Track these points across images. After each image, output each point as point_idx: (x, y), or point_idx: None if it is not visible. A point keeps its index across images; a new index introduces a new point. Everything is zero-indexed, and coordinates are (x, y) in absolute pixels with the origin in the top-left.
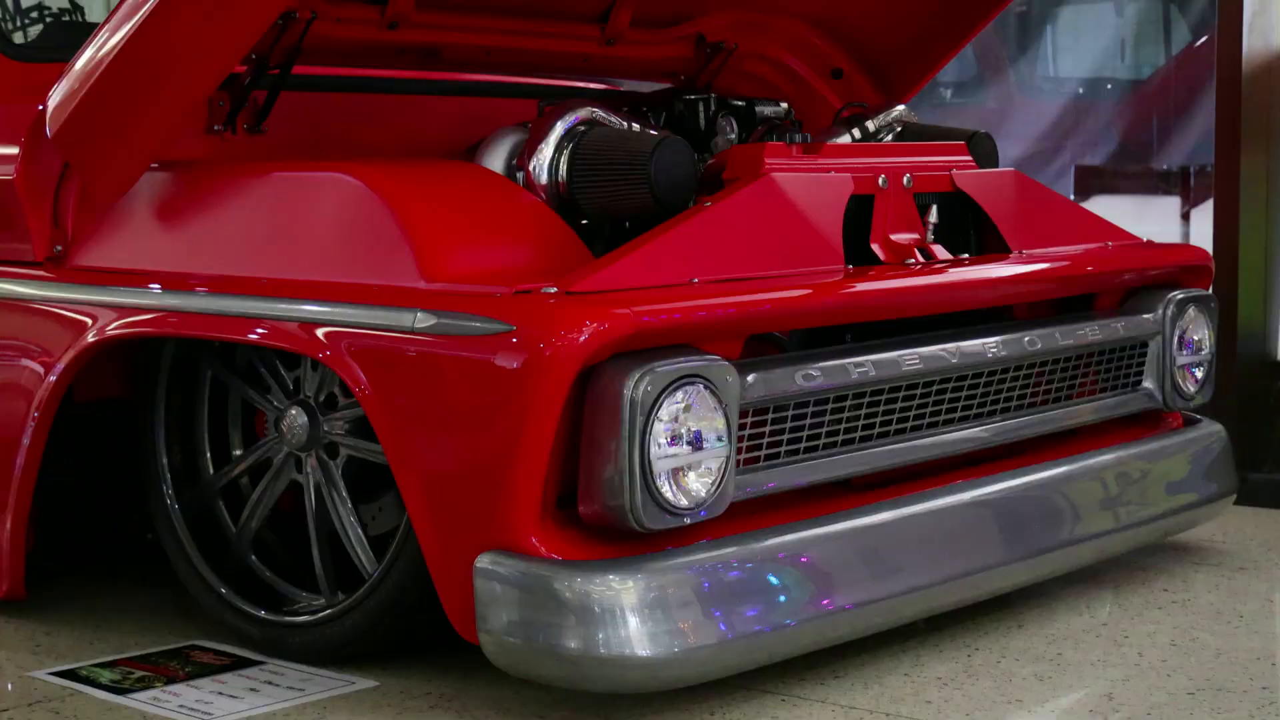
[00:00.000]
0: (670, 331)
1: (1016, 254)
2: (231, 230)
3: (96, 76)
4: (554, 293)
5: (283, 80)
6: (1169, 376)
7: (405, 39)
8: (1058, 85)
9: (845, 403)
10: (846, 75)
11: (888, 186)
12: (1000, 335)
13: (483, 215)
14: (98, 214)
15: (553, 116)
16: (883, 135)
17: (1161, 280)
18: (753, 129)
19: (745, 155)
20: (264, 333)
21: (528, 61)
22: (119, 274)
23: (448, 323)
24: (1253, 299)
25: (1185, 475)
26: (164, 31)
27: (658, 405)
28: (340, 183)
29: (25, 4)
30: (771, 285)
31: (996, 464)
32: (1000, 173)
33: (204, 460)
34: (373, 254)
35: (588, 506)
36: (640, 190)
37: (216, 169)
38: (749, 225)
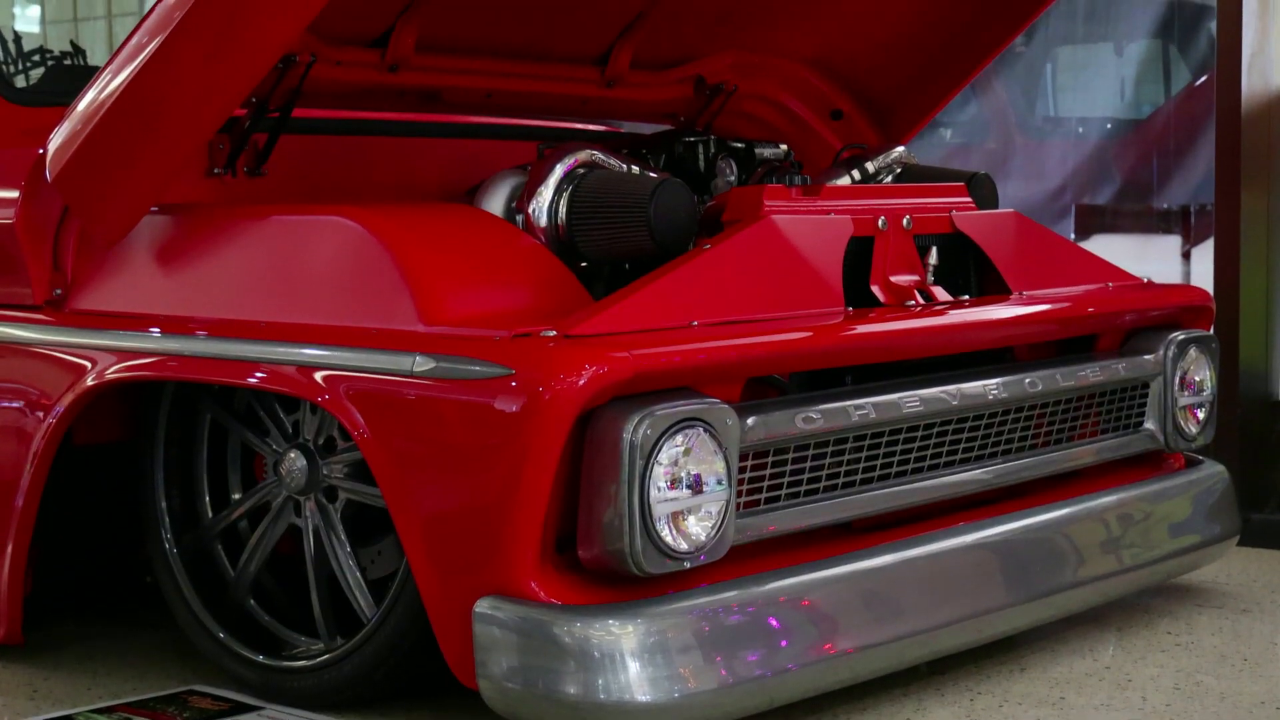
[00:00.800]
0: (670, 375)
1: (1017, 295)
2: (231, 273)
3: (97, 120)
4: (553, 336)
5: (283, 123)
6: (1171, 417)
7: (405, 82)
8: (1058, 125)
9: (846, 445)
10: (846, 116)
11: (887, 228)
12: (1001, 377)
13: (482, 258)
14: (97, 257)
15: (552, 159)
16: (882, 176)
17: (1162, 321)
18: (752, 171)
19: (745, 197)
20: (263, 376)
21: (528, 104)
22: (118, 317)
23: (447, 366)
24: (1254, 339)
25: (1188, 516)
26: (164, 75)
27: (657, 449)
28: (339, 226)
29: (27, 47)
30: (771, 328)
31: (998, 506)
32: (1000, 214)
33: (203, 504)
34: (372, 297)
35: (587, 550)
36: (639, 233)
37: (216, 212)
38: (749, 267)
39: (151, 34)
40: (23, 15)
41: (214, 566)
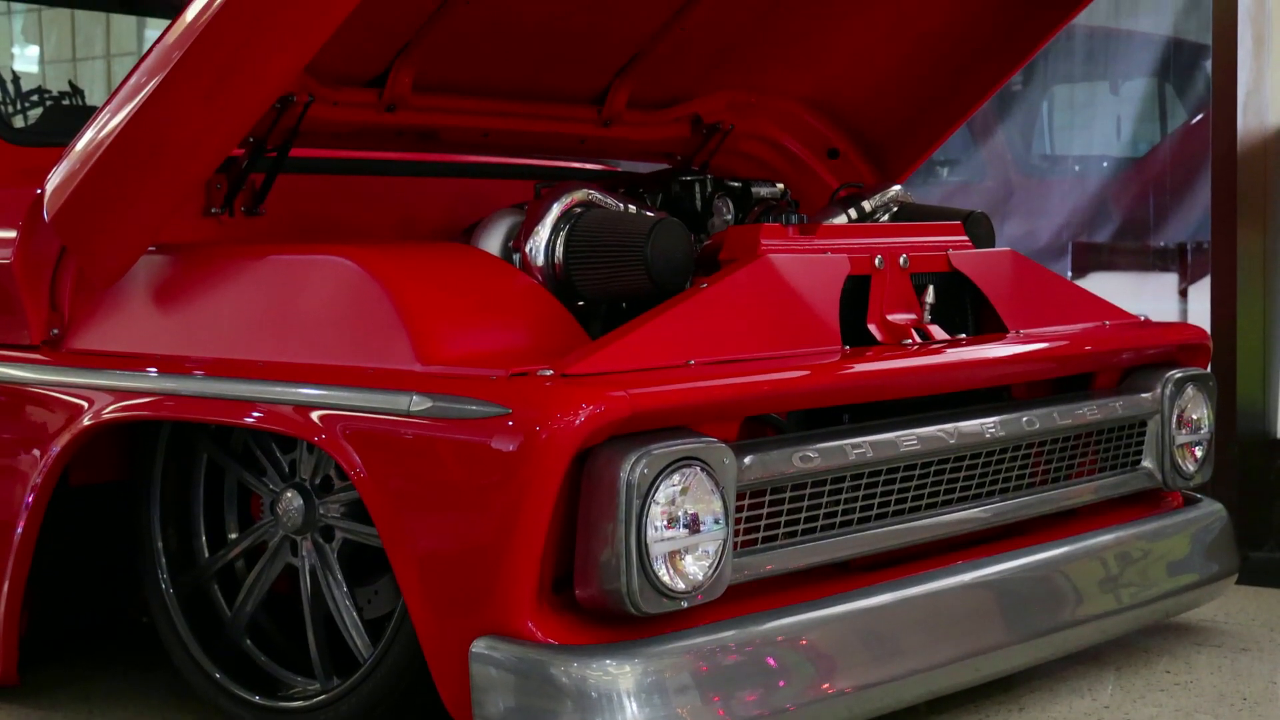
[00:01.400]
0: (667, 414)
1: (1014, 334)
2: (228, 313)
3: (95, 160)
4: (550, 375)
5: (280, 163)
6: (1168, 456)
7: (403, 121)
8: (1054, 164)
9: (843, 484)
10: (843, 155)
11: (884, 267)
12: (998, 415)
13: (479, 297)
14: (95, 297)
15: (549, 198)
16: (879, 215)
17: (1160, 359)
18: (749, 210)
19: (742, 236)
20: (260, 416)
21: (525, 143)
22: (116, 357)
23: (443, 406)
24: (1251, 377)
25: (1186, 555)
26: (162, 116)
27: (654, 488)
28: (336, 265)
29: (26, 87)
30: (768, 367)
31: (996, 545)
32: (997, 253)
33: (199, 543)
34: (369, 337)
35: (584, 590)
36: (636, 272)
37: (213, 252)
38: (746, 306)
39: (150, 74)
40: (22, 55)
41: (210, 606)
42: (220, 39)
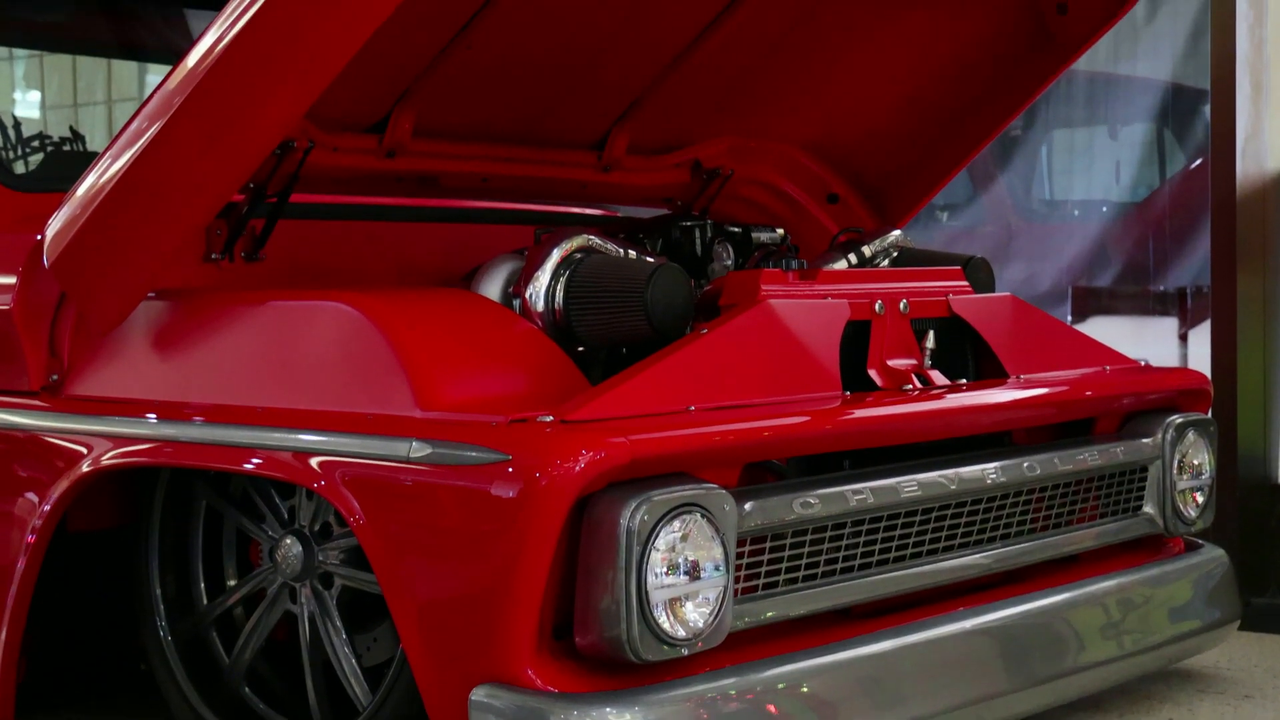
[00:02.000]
0: (667, 460)
1: (1014, 379)
2: (228, 359)
3: (95, 206)
4: (550, 421)
5: (280, 208)
6: (1170, 501)
7: (402, 167)
8: (1054, 208)
9: (844, 530)
10: (842, 200)
11: (884, 312)
12: (999, 461)
13: (479, 343)
14: (94, 343)
15: (549, 244)
16: (879, 260)
17: (1160, 404)
18: (749, 255)
19: (741, 282)
20: (259, 463)
21: (525, 188)
22: (115, 403)
23: (443, 452)
24: (1252, 422)
25: (1188, 601)
26: (163, 161)
27: (654, 535)
28: (336, 311)
29: (27, 133)
30: (768, 412)
31: (998, 591)
32: (997, 298)
33: (198, 590)
34: (369, 383)
35: (584, 637)
36: (636, 317)
37: (213, 298)
38: (745, 352)
39: (151, 119)
40: (24, 100)
41: (208, 654)
42: (221, 85)
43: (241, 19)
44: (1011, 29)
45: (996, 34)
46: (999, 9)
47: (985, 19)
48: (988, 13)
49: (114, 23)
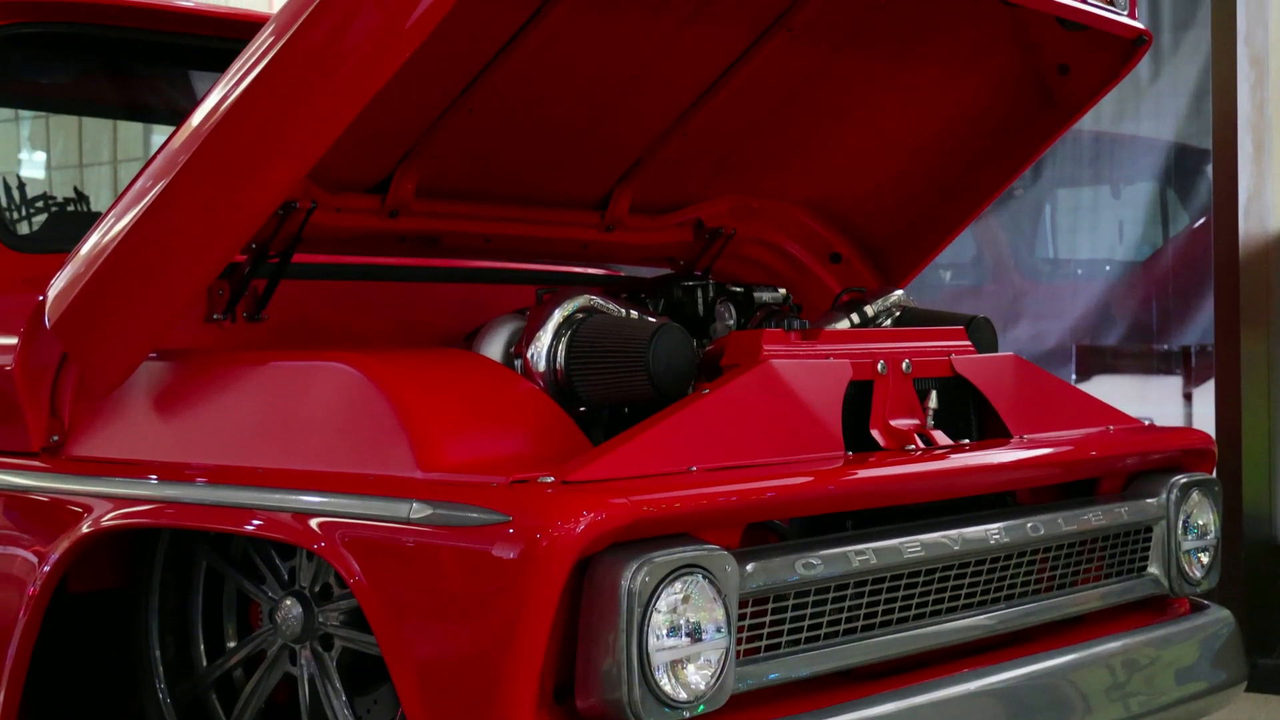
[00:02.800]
0: (668, 521)
1: (1018, 439)
2: (229, 420)
3: (97, 267)
4: (551, 482)
5: (283, 269)
6: (1175, 561)
7: (405, 227)
8: (1057, 267)
9: (847, 591)
10: (845, 259)
11: (887, 372)
12: (1003, 521)
13: (480, 404)
14: (95, 403)
15: (550, 304)
16: (881, 320)
17: (1165, 464)
18: (751, 314)
19: (744, 342)
20: (260, 524)
21: (527, 248)
22: (115, 464)
23: (444, 513)
24: (1257, 482)
25: (1194, 662)
26: (165, 222)
27: (656, 596)
28: (337, 372)
29: (32, 194)
30: (771, 473)
31: (1002, 652)
32: (1000, 357)
33: (197, 652)
34: (369, 443)
35: (585, 699)
36: (638, 377)
37: (214, 358)
38: (747, 412)
39: (154, 180)
40: (29, 160)
41: (208, 716)
42: (224, 146)
43: (244, 80)
44: (1013, 89)
45: (998, 94)
46: (1000, 69)
47: (987, 79)
48: (989, 73)
49: (119, 84)
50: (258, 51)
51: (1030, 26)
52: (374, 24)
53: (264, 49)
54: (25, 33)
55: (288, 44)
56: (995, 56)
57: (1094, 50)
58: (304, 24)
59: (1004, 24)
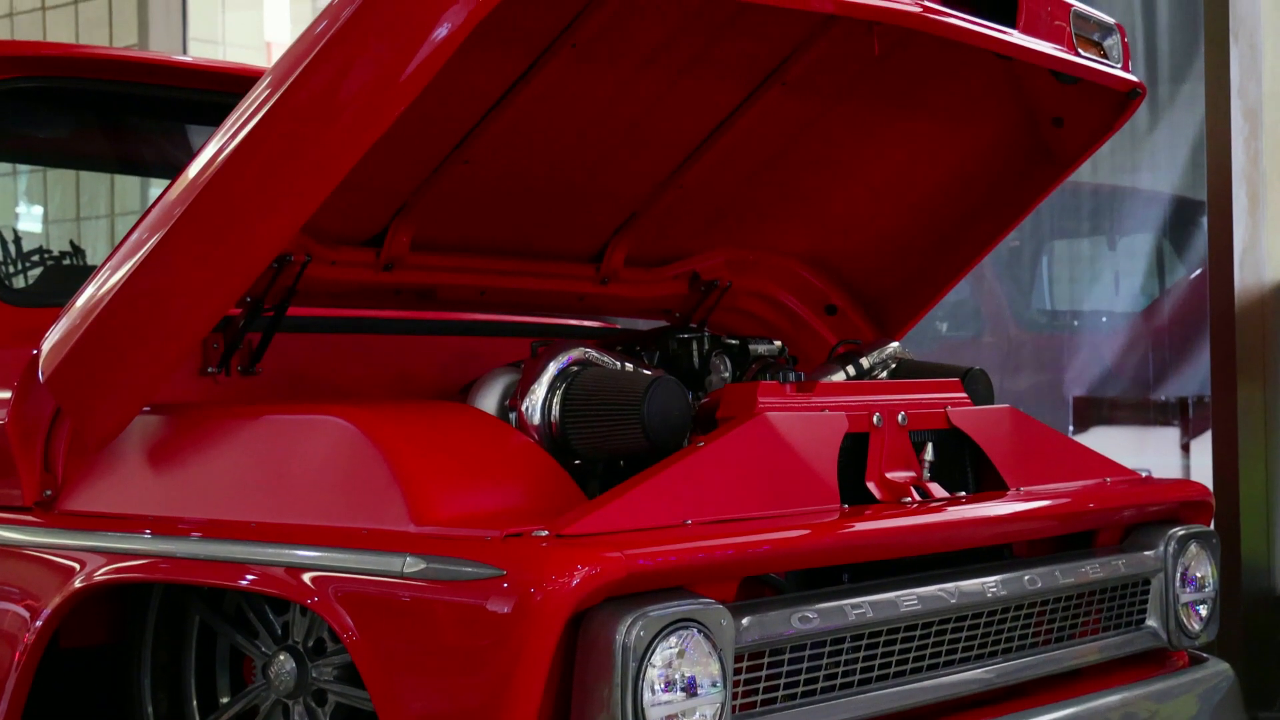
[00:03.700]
0: (663, 575)
1: (1014, 491)
2: (222, 474)
3: (90, 321)
4: (545, 536)
5: (277, 322)
6: (1173, 614)
7: (400, 280)
8: (1053, 318)
9: (843, 645)
10: (841, 311)
11: (883, 425)
12: (1000, 574)
13: (474, 457)
14: (89, 457)
15: (545, 357)
16: (877, 372)
17: (1162, 516)
18: (747, 367)
19: (739, 394)
20: (253, 579)
21: (523, 301)
22: (108, 519)
23: (437, 567)
24: (1255, 534)
25: (1194, 716)
26: (159, 276)
27: (651, 651)
28: (331, 425)
29: (28, 246)
30: (766, 526)
31: (1000, 706)
32: (996, 410)
33: (190, 708)
34: (363, 497)
35: None
36: (633, 431)
37: (208, 412)
38: (743, 465)
39: (150, 232)
40: (28, 213)
41: None
42: (218, 200)
43: (240, 134)
44: (1009, 142)
45: (993, 147)
46: (995, 122)
47: (982, 132)
48: (984, 125)
49: (116, 138)
50: (253, 105)
51: (1024, 79)
52: (369, 77)
53: (259, 102)
54: (23, 87)
55: (283, 97)
56: (990, 109)
57: (1088, 103)
58: (299, 77)
59: (998, 77)
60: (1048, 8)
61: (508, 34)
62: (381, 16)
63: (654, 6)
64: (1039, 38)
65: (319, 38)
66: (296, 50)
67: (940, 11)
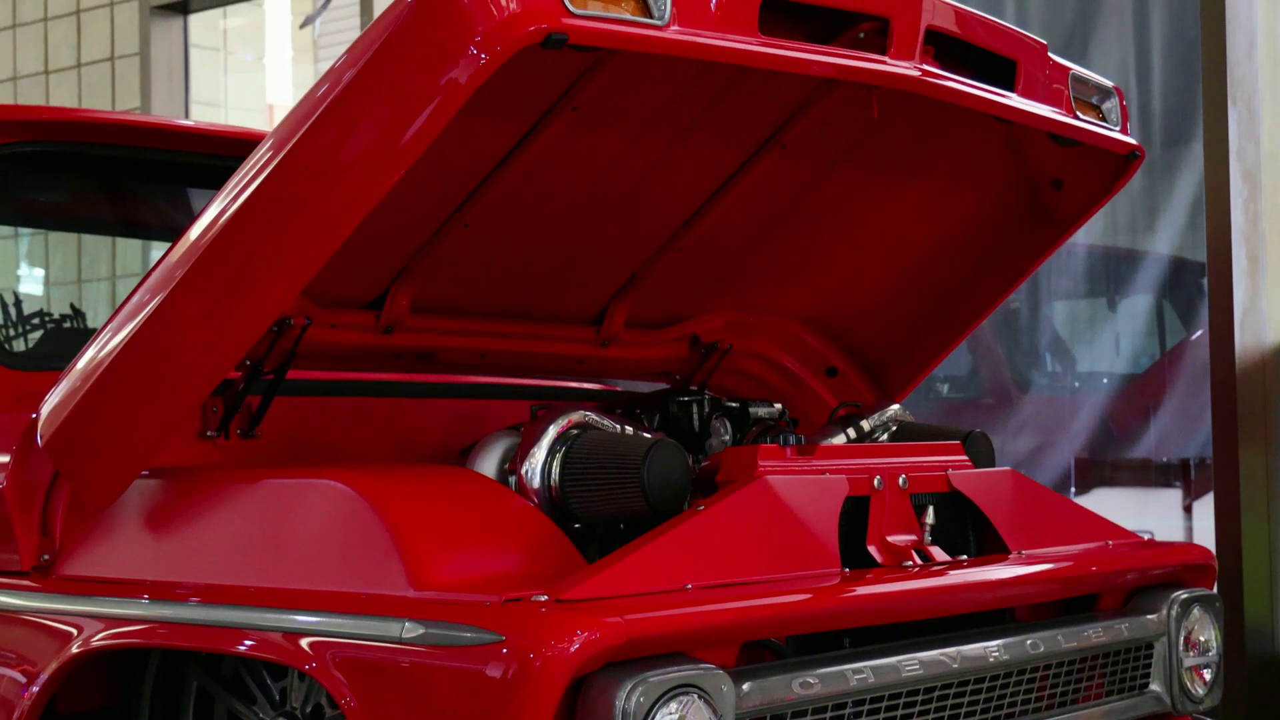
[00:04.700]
0: (663, 640)
1: (1016, 555)
2: (221, 538)
3: (90, 384)
4: (544, 601)
5: (277, 385)
6: (1177, 678)
7: (400, 343)
8: (1054, 380)
9: (845, 710)
10: (841, 374)
11: (883, 488)
12: (1002, 639)
13: (474, 521)
14: (87, 521)
15: (545, 420)
16: (878, 435)
17: (1165, 579)
18: (747, 430)
19: (739, 457)
20: (251, 644)
21: (523, 363)
22: (106, 583)
23: (436, 633)
24: (1259, 597)
25: None
26: (159, 339)
27: (651, 716)
28: (330, 489)
29: (29, 309)
30: (767, 591)
31: None
32: (997, 472)
33: None
34: (362, 561)
35: None
36: (633, 494)
37: (207, 476)
38: (743, 529)
39: (150, 295)
40: (30, 275)
41: None
42: (218, 263)
43: (240, 196)
44: (1009, 203)
45: (993, 208)
46: (995, 184)
47: (982, 194)
48: (984, 187)
49: (117, 201)
50: (254, 168)
51: (1023, 142)
52: (370, 141)
53: (260, 166)
54: (26, 151)
55: (284, 160)
56: (990, 171)
57: (1087, 165)
58: (300, 140)
59: (997, 139)
60: (1046, 71)
61: (508, 98)
62: (383, 80)
63: (654, 71)
64: (1038, 101)
65: (320, 101)
66: (298, 113)
67: (939, 75)
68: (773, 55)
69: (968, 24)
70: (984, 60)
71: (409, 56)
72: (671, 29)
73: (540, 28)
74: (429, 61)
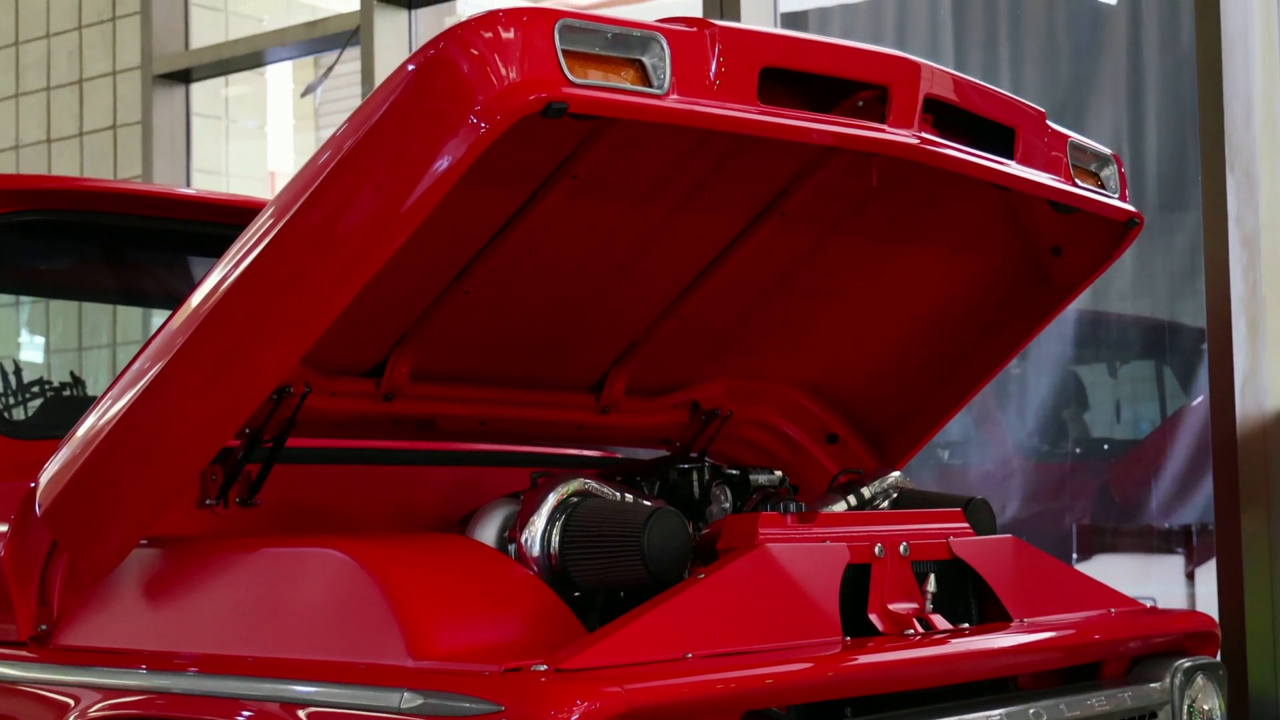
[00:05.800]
0: (664, 710)
1: (1018, 623)
2: (220, 608)
3: (88, 453)
4: (544, 670)
5: (276, 453)
6: None
7: (400, 411)
8: (1055, 446)
9: None
10: (842, 440)
11: (884, 555)
12: (1004, 707)
13: (473, 590)
14: (85, 591)
15: (545, 488)
16: (878, 502)
17: (1168, 647)
18: (747, 497)
19: (739, 525)
20: (250, 715)
21: (523, 431)
22: (104, 653)
23: (435, 703)
24: (1262, 664)
25: None
26: (158, 407)
27: None
28: (327, 558)
29: (29, 377)
30: (768, 660)
31: None
32: (998, 540)
33: None
34: (360, 631)
35: None
36: (633, 563)
37: (205, 545)
38: (744, 597)
39: (149, 363)
40: (30, 343)
41: None
42: (217, 332)
43: (240, 264)
44: (1008, 271)
45: (993, 276)
46: (994, 252)
47: (981, 261)
48: (983, 255)
49: (117, 270)
50: (254, 236)
51: (1022, 209)
52: (370, 209)
53: (260, 233)
54: (27, 220)
55: (284, 228)
56: (989, 238)
57: (1087, 232)
58: (301, 208)
59: (996, 207)
60: (1045, 138)
61: (508, 166)
62: (384, 148)
63: (654, 139)
64: (1036, 168)
65: (321, 169)
66: (299, 181)
67: (938, 143)
68: (772, 124)
69: (966, 92)
70: (982, 128)
71: (410, 125)
72: (671, 98)
73: (540, 97)
74: (429, 130)
